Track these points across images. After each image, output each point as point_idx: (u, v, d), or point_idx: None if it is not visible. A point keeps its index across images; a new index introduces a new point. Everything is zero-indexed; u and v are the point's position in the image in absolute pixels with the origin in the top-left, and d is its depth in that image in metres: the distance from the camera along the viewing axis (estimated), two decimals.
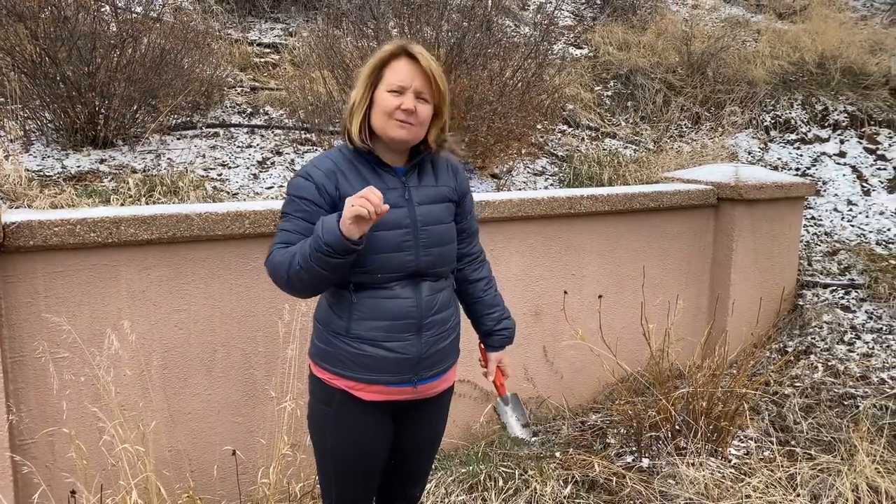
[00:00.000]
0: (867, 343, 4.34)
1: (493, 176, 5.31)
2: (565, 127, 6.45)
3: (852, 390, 3.95)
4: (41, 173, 4.18)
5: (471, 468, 3.04)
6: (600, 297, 3.74)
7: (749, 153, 6.39)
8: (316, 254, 1.68)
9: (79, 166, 4.32)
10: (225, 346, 2.77)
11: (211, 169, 4.60)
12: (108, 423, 2.38)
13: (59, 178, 4.14)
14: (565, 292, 3.66)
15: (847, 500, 2.77)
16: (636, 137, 6.52)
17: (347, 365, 1.87)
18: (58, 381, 2.45)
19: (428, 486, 2.92)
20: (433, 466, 3.08)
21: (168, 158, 4.63)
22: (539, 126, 5.97)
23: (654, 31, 7.95)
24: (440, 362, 1.96)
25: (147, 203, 3.87)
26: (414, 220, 1.86)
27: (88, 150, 4.54)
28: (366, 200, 1.61)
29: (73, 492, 2.19)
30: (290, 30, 7.25)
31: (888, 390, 3.92)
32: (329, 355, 1.89)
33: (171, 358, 2.67)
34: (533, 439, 2.18)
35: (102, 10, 5.09)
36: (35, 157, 4.38)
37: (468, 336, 3.37)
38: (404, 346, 1.87)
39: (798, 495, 2.87)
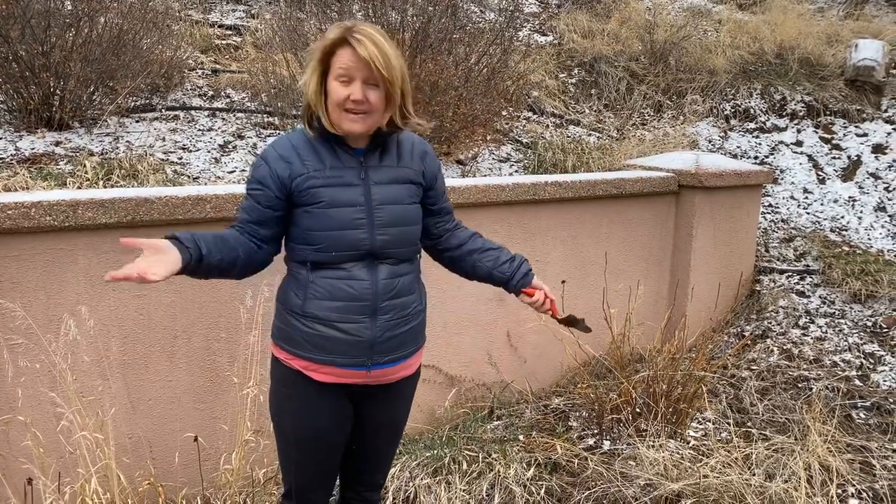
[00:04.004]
0: (821, 327, 4.47)
1: (459, 162, 5.31)
2: (530, 114, 6.47)
3: (806, 373, 4.06)
4: None
5: (435, 452, 3.05)
6: (563, 282, 3.77)
7: (709, 141, 6.49)
8: None
9: (33, 149, 4.20)
10: (186, 332, 2.73)
11: (171, 152, 4.51)
12: (66, 410, 2.33)
13: (12, 160, 4.02)
14: None
15: (800, 479, 2.85)
16: (599, 125, 6.57)
17: (302, 345, 1.88)
18: (12, 367, 2.39)
19: (392, 470, 2.93)
20: (397, 451, 3.09)
21: (127, 141, 4.52)
22: (504, 112, 5.98)
23: (617, 19, 8.00)
24: (398, 348, 1.94)
25: (105, 187, 3.78)
26: (368, 199, 1.85)
27: (43, 133, 4.41)
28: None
29: (29, 480, 2.15)
30: (253, 12, 7.12)
31: (840, 373, 4.05)
32: (286, 335, 1.91)
33: (131, 344, 2.63)
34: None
35: None
36: None
37: (432, 323, 3.37)
38: (357, 328, 1.86)
39: (753, 475, 2.95)
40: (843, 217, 5.58)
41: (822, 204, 5.76)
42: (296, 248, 1.89)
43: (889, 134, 6.41)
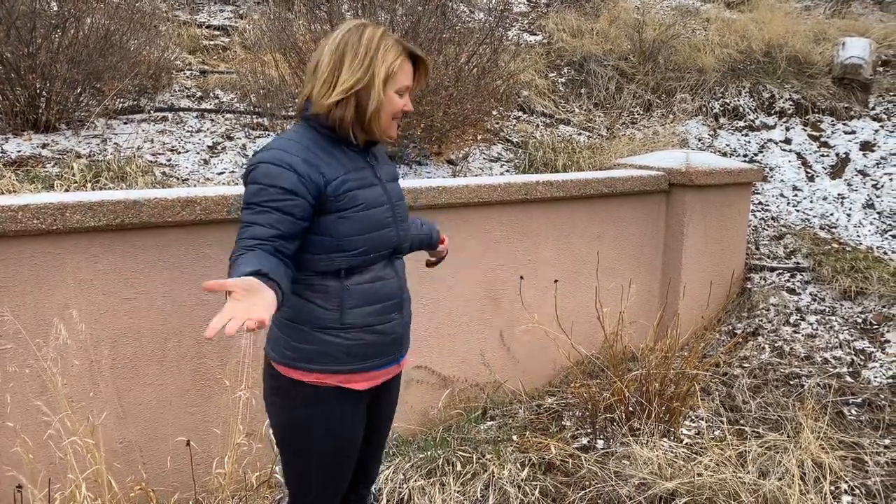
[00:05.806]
0: (811, 324, 4.49)
1: (450, 162, 5.30)
2: (520, 113, 6.47)
3: (797, 370, 4.07)
4: None
5: (429, 453, 3.04)
6: (556, 281, 3.77)
7: (699, 140, 6.51)
8: None
9: (19, 151, 4.16)
10: (177, 335, 2.71)
11: (160, 154, 4.48)
12: (54, 417, 2.31)
13: None
14: (521, 277, 3.68)
15: (793, 476, 2.86)
16: (589, 124, 6.57)
17: (341, 359, 1.80)
18: (1, 373, 2.36)
19: (386, 472, 2.92)
20: (391, 452, 3.09)
21: (115, 143, 4.49)
22: (494, 112, 5.97)
23: (606, 18, 8.02)
24: (409, 336, 2.03)
25: (93, 189, 3.75)
26: (389, 197, 1.89)
27: (30, 135, 4.37)
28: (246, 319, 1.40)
29: (19, 486, 2.12)
30: (241, 12, 7.09)
31: (831, 369, 4.06)
32: (313, 354, 1.79)
33: (121, 348, 2.60)
34: None
35: None
36: None
37: (426, 324, 3.37)
38: (393, 325, 1.90)
39: (747, 472, 2.96)
40: (832, 214, 5.61)
41: (811, 201, 5.79)
42: (322, 259, 1.76)
43: (877, 131, 6.45)
